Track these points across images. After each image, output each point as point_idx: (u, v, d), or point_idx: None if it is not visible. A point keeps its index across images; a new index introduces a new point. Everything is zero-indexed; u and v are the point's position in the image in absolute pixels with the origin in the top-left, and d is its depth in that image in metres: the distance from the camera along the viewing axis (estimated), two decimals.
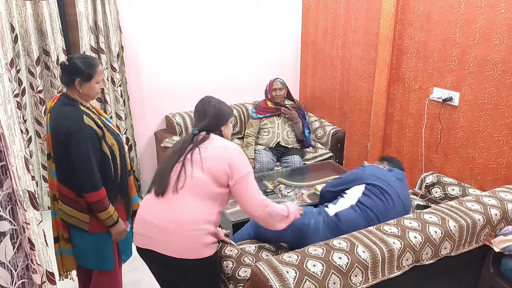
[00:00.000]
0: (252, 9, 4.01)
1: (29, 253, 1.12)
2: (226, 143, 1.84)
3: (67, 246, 2.12)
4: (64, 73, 1.99)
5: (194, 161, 1.76)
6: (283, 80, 3.69)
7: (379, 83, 3.25)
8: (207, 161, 1.76)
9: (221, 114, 1.94)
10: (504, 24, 2.44)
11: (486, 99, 2.62)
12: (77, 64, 1.96)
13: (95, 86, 2.02)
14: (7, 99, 1.14)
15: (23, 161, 1.15)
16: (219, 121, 1.92)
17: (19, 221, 1.09)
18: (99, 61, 2.05)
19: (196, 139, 1.85)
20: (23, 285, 1.13)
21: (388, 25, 3.09)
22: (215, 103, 1.95)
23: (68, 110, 1.95)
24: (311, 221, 2.20)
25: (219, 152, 1.78)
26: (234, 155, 1.79)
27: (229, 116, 1.98)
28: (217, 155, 1.78)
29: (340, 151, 3.93)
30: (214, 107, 1.93)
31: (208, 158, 1.76)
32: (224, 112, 1.95)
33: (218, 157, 1.77)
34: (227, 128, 1.97)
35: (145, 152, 3.96)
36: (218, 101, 1.96)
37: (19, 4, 3.07)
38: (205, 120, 1.91)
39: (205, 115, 1.92)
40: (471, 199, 2.24)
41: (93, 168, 1.93)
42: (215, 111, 1.92)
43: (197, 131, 1.89)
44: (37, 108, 3.36)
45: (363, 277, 1.78)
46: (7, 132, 1.12)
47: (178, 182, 1.75)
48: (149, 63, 3.73)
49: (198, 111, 1.96)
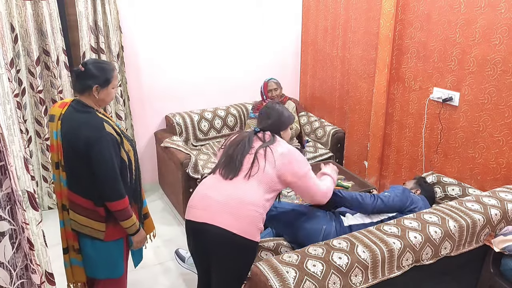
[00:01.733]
0: (252, 9, 4.01)
1: (28, 253, 1.12)
2: (290, 148, 2.05)
3: (77, 257, 2.05)
4: (79, 79, 1.91)
5: (267, 158, 1.95)
6: (277, 80, 3.68)
7: (379, 83, 3.25)
8: (278, 161, 1.95)
9: (283, 119, 2.14)
10: (504, 24, 2.43)
11: (486, 99, 2.62)
12: (93, 70, 1.89)
13: (111, 92, 1.97)
14: (6, 99, 1.14)
15: (22, 161, 1.15)
16: (281, 124, 2.13)
17: (18, 221, 1.09)
18: (113, 65, 2.01)
19: (263, 137, 2.04)
20: (22, 285, 1.13)
21: (388, 25, 3.09)
22: (279, 107, 2.16)
23: (86, 118, 1.89)
24: (322, 226, 2.20)
25: (287, 155, 1.99)
26: (296, 158, 2.01)
27: (290, 121, 2.18)
28: (285, 157, 1.98)
29: (340, 151, 3.93)
30: (278, 111, 2.14)
31: (278, 158, 1.96)
32: (286, 118, 2.16)
33: (286, 159, 1.97)
34: (286, 133, 2.18)
35: (145, 152, 3.96)
36: (282, 107, 2.18)
37: (19, 4, 3.07)
38: (268, 121, 2.11)
39: (268, 117, 2.13)
40: (471, 199, 2.24)
41: (117, 176, 1.88)
42: (278, 114, 2.13)
43: (259, 129, 2.09)
44: (37, 108, 3.36)
45: (363, 277, 1.78)
46: (6, 132, 1.11)
47: (252, 170, 1.93)
48: (149, 63, 3.73)
49: (262, 113, 2.17)
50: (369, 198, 2.27)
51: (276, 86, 3.63)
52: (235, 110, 4.07)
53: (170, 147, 3.47)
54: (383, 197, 2.28)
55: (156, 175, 4.04)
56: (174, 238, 3.24)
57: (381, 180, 3.58)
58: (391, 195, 2.30)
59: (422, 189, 2.59)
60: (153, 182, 4.05)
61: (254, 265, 1.79)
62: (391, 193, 2.34)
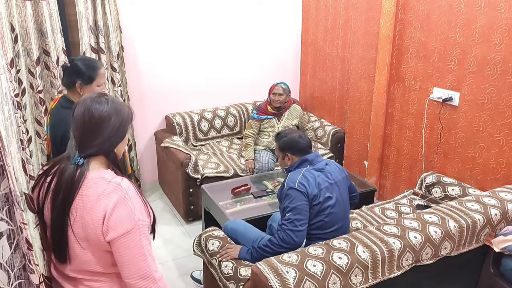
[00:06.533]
0: (252, 9, 4.00)
1: (26, 253, 1.12)
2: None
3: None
4: (65, 75, 1.96)
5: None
6: (286, 86, 3.59)
7: (379, 83, 3.25)
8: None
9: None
10: (504, 24, 2.43)
11: (486, 99, 2.62)
12: (78, 66, 1.93)
13: (95, 89, 1.98)
14: (4, 100, 1.14)
15: (20, 163, 1.15)
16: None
17: (16, 221, 1.08)
18: (100, 63, 2.03)
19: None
20: (20, 285, 1.13)
21: (388, 25, 3.08)
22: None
23: (66, 114, 1.91)
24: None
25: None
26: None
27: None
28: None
29: (340, 151, 3.93)
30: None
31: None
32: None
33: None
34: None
35: (145, 152, 3.96)
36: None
37: (19, 4, 3.07)
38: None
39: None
40: (471, 199, 2.24)
41: None
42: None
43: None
44: (37, 108, 3.36)
45: (363, 277, 1.77)
46: (4, 133, 1.11)
47: None
48: (149, 63, 3.72)
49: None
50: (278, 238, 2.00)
51: (282, 92, 3.53)
52: (235, 110, 4.07)
53: (170, 147, 3.47)
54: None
55: (156, 175, 4.04)
56: (174, 238, 3.24)
57: (381, 180, 3.57)
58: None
59: (284, 146, 2.26)
60: (153, 182, 4.05)
61: (254, 265, 1.79)
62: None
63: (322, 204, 2.05)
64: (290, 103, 3.70)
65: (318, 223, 2.08)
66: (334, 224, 2.11)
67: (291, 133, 2.31)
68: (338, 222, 2.13)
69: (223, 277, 2.01)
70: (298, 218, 1.97)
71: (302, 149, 2.22)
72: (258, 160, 3.50)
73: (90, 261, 1.28)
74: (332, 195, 2.09)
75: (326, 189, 2.08)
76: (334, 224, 2.11)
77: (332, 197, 2.08)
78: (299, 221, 1.97)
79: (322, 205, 2.05)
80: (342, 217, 2.16)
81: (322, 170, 2.13)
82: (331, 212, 2.08)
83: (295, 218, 1.97)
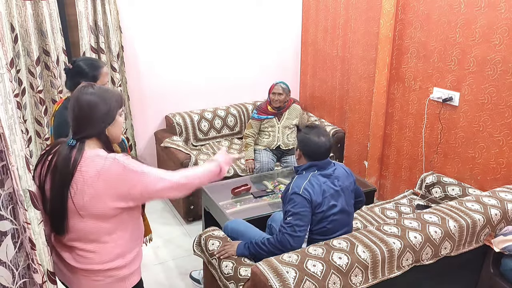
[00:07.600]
0: (252, 9, 4.01)
1: (30, 252, 1.12)
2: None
3: None
4: (69, 77, 1.95)
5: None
6: (286, 85, 3.58)
7: (379, 83, 3.26)
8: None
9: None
10: (504, 24, 2.44)
11: (486, 99, 2.63)
12: (81, 66, 1.93)
13: None
14: (7, 99, 1.14)
15: (23, 160, 1.15)
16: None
17: (20, 221, 1.09)
18: (103, 63, 2.03)
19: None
20: (24, 284, 1.13)
21: (388, 25, 3.09)
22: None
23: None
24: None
25: None
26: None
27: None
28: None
29: (340, 151, 3.93)
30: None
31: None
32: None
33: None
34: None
35: (145, 152, 3.96)
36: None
37: (19, 4, 3.07)
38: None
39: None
40: (471, 199, 2.24)
41: None
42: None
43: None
44: (37, 108, 3.36)
45: (363, 277, 1.78)
46: (8, 132, 1.12)
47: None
48: (149, 63, 3.73)
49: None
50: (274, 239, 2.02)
51: (282, 92, 3.52)
52: (235, 110, 4.07)
53: (170, 147, 3.48)
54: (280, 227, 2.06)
55: None
56: (174, 238, 3.24)
57: (381, 180, 3.58)
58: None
59: (301, 141, 2.15)
60: None
61: (254, 265, 1.79)
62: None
63: (325, 212, 2.04)
64: (290, 103, 3.70)
65: (320, 229, 2.07)
66: (337, 230, 2.11)
67: (314, 134, 2.11)
68: (341, 228, 2.12)
69: (223, 277, 2.01)
70: (298, 224, 1.98)
71: (315, 156, 2.12)
72: (258, 160, 3.50)
73: (86, 230, 1.43)
74: (337, 202, 2.07)
75: (331, 196, 2.06)
76: (337, 231, 2.11)
77: (336, 205, 2.07)
78: (299, 227, 1.98)
79: (326, 213, 2.05)
80: (345, 223, 2.16)
81: (329, 176, 2.10)
82: (334, 219, 2.07)
83: (295, 224, 1.97)
